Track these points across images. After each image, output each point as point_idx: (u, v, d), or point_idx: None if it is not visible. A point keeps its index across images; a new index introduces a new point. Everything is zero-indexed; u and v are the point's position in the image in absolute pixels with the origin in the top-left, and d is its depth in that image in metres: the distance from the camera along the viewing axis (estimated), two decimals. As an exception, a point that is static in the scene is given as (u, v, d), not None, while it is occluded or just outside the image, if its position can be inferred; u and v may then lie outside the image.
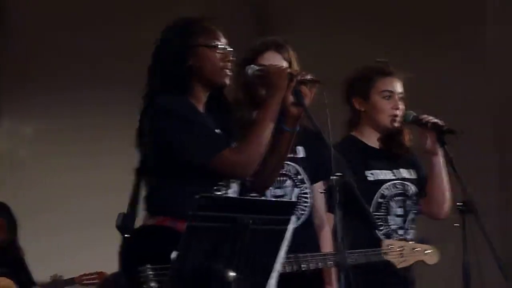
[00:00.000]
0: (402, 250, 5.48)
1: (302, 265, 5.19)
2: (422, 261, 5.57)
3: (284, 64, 5.45)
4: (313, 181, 5.60)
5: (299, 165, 5.58)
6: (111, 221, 4.58)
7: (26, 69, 10.55)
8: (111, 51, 9.79)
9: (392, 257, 5.44)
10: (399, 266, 5.49)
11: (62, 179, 10.18)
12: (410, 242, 5.56)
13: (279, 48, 5.58)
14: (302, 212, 5.57)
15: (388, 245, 5.44)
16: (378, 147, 6.06)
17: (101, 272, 8.67)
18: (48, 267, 9.21)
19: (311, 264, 5.23)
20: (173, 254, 4.27)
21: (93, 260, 8.84)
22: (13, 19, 10.73)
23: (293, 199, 5.49)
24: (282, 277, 4.71)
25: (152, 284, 4.39)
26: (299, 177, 5.58)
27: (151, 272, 4.41)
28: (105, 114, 9.34)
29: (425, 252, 5.56)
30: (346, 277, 4.86)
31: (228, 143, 4.70)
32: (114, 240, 4.62)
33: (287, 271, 4.92)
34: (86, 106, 10.07)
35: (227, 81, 4.84)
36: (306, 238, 5.50)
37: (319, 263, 5.28)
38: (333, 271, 5.34)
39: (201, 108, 4.82)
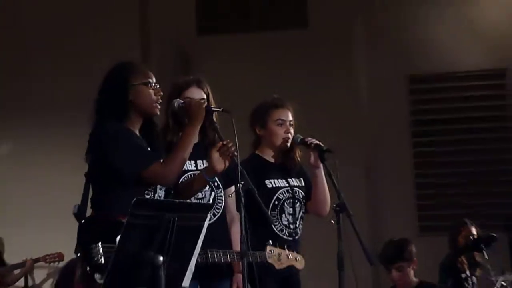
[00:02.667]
0: (279, 255, 5.49)
1: (210, 259, 5.18)
2: (293, 265, 5.59)
3: (204, 96, 5.49)
4: (225, 186, 5.57)
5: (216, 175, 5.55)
6: (68, 214, 4.59)
7: (2, 86, 10.37)
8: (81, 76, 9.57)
9: (272, 260, 5.44)
10: (277, 268, 5.49)
11: (32, 183, 10.07)
12: (286, 251, 5.53)
13: (199, 84, 5.58)
14: (218, 210, 5.54)
15: (269, 250, 5.44)
16: (274, 162, 6.05)
17: (60, 252, 8.59)
18: (21, 252, 9.14)
19: (216, 258, 5.22)
20: (118, 238, 4.31)
21: (55, 245, 8.75)
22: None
23: (211, 201, 5.48)
24: (199, 265, 4.74)
25: (101, 259, 4.44)
26: (215, 184, 5.52)
27: (100, 249, 4.45)
28: (67, 131, 9.18)
29: (296, 258, 5.59)
30: (248, 265, 4.96)
31: (156, 158, 4.71)
32: (70, 230, 4.63)
33: (200, 261, 4.88)
34: (55, 124, 9.94)
35: (158, 112, 4.86)
36: (221, 230, 5.50)
37: (223, 257, 5.27)
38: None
39: (136, 131, 4.82)
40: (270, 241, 5.47)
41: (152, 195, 4.75)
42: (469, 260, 7.83)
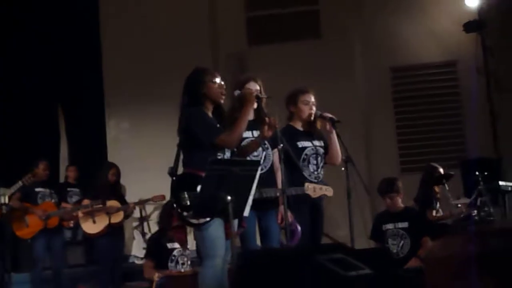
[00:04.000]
0: (314, 188, 5.49)
1: (264, 195, 5.21)
2: (325, 194, 5.60)
3: (258, 87, 5.44)
4: (272, 147, 5.51)
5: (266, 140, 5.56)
6: (167, 166, 4.66)
7: (122, 84, 10.44)
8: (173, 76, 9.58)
9: (309, 192, 5.47)
10: (313, 196, 5.52)
11: (143, 150, 10.15)
12: (319, 185, 5.55)
13: (255, 79, 5.54)
14: (267, 163, 5.49)
15: (307, 185, 5.46)
16: (302, 130, 6.00)
17: (163, 194, 8.59)
18: (135, 195, 9.21)
19: (267, 194, 5.27)
20: (198, 187, 4.40)
21: (158, 189, 8.77)
22: (110, 44, 10.58)
23: (263, 158, 5.45)
24: (255, 200, 4.75)
25: (188, 202, 4.45)
26: (265, 146, 5.49)
27: (186, 196, 4.46)
28: (164, 114, 9.17)
29: (326, 189, 5.58)
30: (288, 200, 5.11)
31: (222, 131, 4.73)
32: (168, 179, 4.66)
33: (256, 197, 4.87)
34: (157, 109, 9.98)
35: (222, 100, 4.88)
36: (269, 176, 5.46)
37: (271, 193, 5.32)
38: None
39: (209, 113, 4.83)
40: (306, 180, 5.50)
41: (222, 156, 4.74)
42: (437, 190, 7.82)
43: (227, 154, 4.79)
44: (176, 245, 6.82)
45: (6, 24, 10.22)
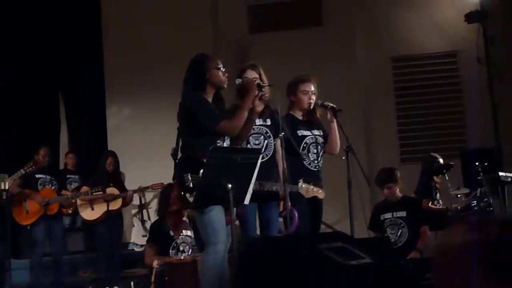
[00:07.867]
0: (307, 188, 5.46)
1: (264, 188, 5.19)
2: (317, 196, 5.57)
3: (257, 75, 5.41)
4: (274, 136, 5.52)
5: (268, 128, 5.53)
6: (166, 155, 4.62)
7: (123, 71, 10.43)
8: (174, 64, 9.56)
9: (301, 191, 5.43)
10: (306, 196, 5.48)
11: (143, 136, 10.14)
12: (311, 186, 5.51)
13: (253, 67, 5.52)
14: (269, 152, 5.50)
15: (300, 185, 5.43)
16: (302, 119, 5.99)
17: (162, 182, 8.60)
18: (135, 182, 9.21)
19: (267, 187, 5.24)
20: (201, 171, 4.42)
21: (157, 177, 8.78)
22: (111, 36, 10.57)
23: (264, 147, 5.45)
24: (255, 192, 4.76)
25: (191, 184, 4.44)
26: (268, 134, 5.51)
27: (190, 178, 4.46)
28: (165, 102, 9.12)
29: (318, 192, 5.54)
30: (289, 194, 5.11)
31: (224, 118, 4.72)
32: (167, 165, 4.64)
33: (257, 189, 4.89)
34: (157, 97, 9.92)
35: (225, 86, 4.86)
36: (271, 166, 5.47)
37: (272, 187, 5.29)
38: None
39: (210, 99, 4.83)
40: (301, 179, 5.45)
41: (222, 143, 4.74)
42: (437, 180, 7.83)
43: (227, 142, 4.79)
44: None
45: (7, 13, 10.20)
